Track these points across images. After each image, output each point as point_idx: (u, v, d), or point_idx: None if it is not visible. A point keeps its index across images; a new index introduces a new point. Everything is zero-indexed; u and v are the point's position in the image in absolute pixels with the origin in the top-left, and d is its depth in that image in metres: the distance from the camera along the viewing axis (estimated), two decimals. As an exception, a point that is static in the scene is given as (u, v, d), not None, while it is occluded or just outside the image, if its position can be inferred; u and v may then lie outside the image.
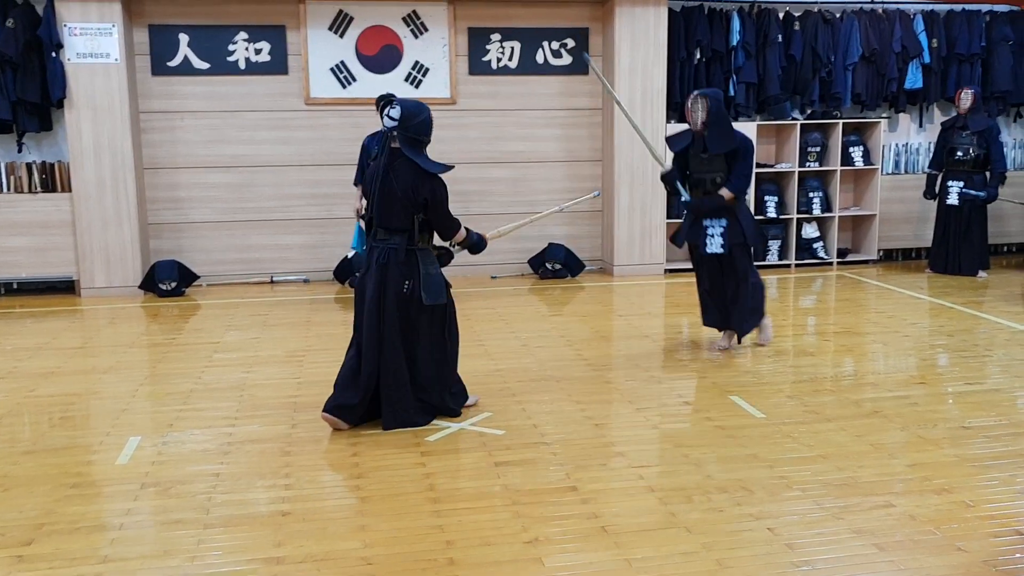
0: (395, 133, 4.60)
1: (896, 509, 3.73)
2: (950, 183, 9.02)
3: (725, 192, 6.02)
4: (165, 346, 6.80)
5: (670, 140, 6.34)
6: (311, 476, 4.19)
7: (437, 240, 4.86)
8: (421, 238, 4.70)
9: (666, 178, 6.25)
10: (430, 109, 4.74)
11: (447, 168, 4.73)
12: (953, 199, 8.99)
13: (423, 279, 4.64)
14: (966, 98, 8.88)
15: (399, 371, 4.71)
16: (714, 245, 6.11)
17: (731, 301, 6.22)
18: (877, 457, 4.30)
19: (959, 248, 9.04)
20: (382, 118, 4.62)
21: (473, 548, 3.45)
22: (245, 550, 3.48)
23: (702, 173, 6.10)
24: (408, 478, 4.13)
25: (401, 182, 4.57)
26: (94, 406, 5.36)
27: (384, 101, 4.43)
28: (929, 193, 9.25)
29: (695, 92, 6.10)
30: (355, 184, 7.94)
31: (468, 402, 5.09)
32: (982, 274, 9.01)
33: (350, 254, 8.00)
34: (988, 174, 8.90)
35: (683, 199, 6.16)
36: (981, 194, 8.86)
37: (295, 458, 4.41)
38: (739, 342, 6.36)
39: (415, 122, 4.60)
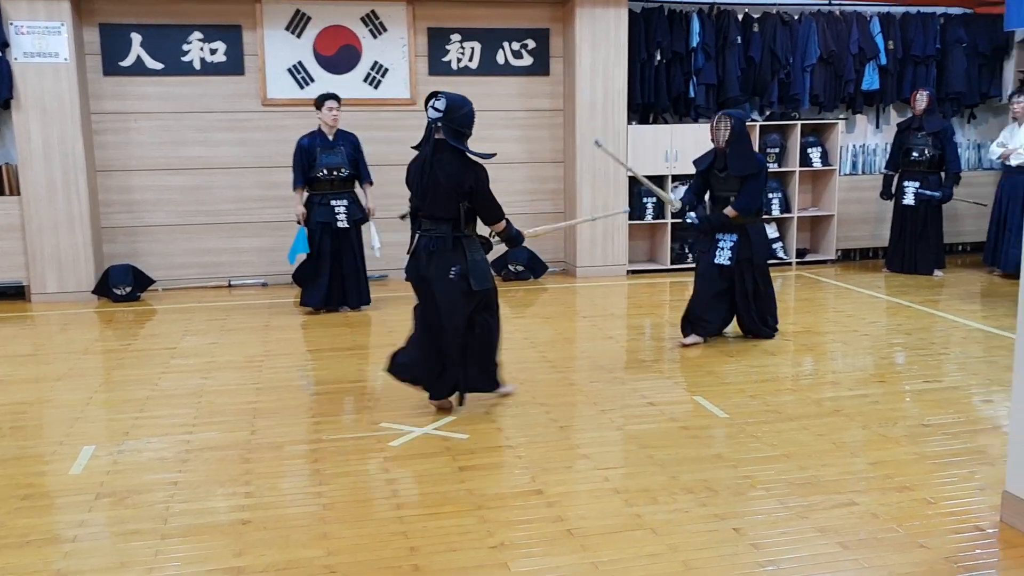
0: (439, 124, 4.69)
1: (859, 507, 3.75)
2: (906, 183, 9.13)
3: (729, 211, 6.26)
4: (120, 352, 6.66)
5: (697, 162, 6.63)
6: (272, 483, 4.11)
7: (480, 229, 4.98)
8: (467, 226, 4.81)
9: (683, 213, 6.60)
10: (472, 103, 4.85)
11: (490, 156, 4.90)
12: (909, 199, 9.09)
13: (470, 265, 4.75)
14: (921, 99, 9.00)
15: (452, 354, 4.87)
16: (722, 257, 6.37)
17: (743, 310, 6.59)
18: (839, 456, 4.32)
19: (915, 248, 9.16)
20: (427, 111, 4.75)
21: (438, 554, 3.40)
22: (204, 560, 3.40)
23: (721, 191, 6.41)
24: (371, 484, 4.07)
25: (445, 172, 4.68)
26: (46, 415, 5.22)
27: (430, 94, 4.74)
28: (885, 193, 9.36)
29: (721, 112, 6.42)
30: (295, 188, 7.62)
31: (505, 389, 5.23)
32: (938, 273, 9.13)
33: (294, 260, 7.77)
34: (943, 174, 9.02)
35: (689, 221, 6.49)
36: (936, 194, 8.98)
37: (255, 465, 4.32)
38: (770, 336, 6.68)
39: (459, 114, 4.71)
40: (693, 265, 9.44)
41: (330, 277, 7.70)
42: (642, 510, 3.74)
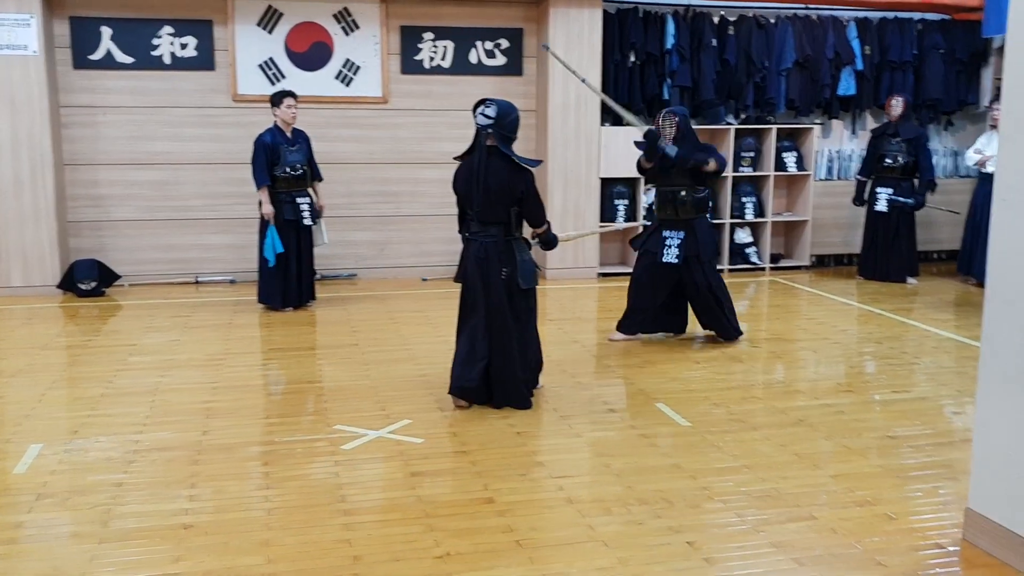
0: (490, 131, 4.82)
1: (817, 522, 3.68)
2: (879, 190, 9.10)
3: (712, 164, 6.27)
4: (80, 348, 6.54)
5: (641, 147, 6.54)
6: (218, 486, 4.01)
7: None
8: (516, 229, 5.00)
9: (648, 136, 6.35)
10: (517, 110, 4.99)
11: (538, 163, 5.18)
12: (882, 206, 9.07)
13: (519, 266, 4.93)
14: (896, 105, 8.97)
15: (509, 354, 4.96)
16: (670, 255, 6.34)
17: (700, 312, 6.61)
18: (801, 467, 4.26)
19: (887, 255, 9.13)
20: (475, 117, 4.84)
21: (381, 564, 3.31)
22: (140, 566, 3.31)
23: (669, 186, 6.37)
24: (319, 489, 3.97)
25: (497, 177, 4.84)
26: (-4, 412, 5.10)
27: (479, 100, 4.87)
28: (858, 200, 9.33)
29: (664, 110, 6.43)
30: (261, 187, 7.45)
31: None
32: (911, 281, 9.10)
33: (274, 260, 7.61)
34: (916, 181, 9.00)
35: (668, 152, 6.30)
36: (909, 201, 8.95)
37: (203, 467, 4.22)
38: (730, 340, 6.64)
39: (508, 120, 4.86)
40: (629, 270, 9.44)
41: (297, 275, 7.65)
42: (595, 521, 3.66)
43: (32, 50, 8.01)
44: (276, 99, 7.50)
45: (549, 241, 5.27)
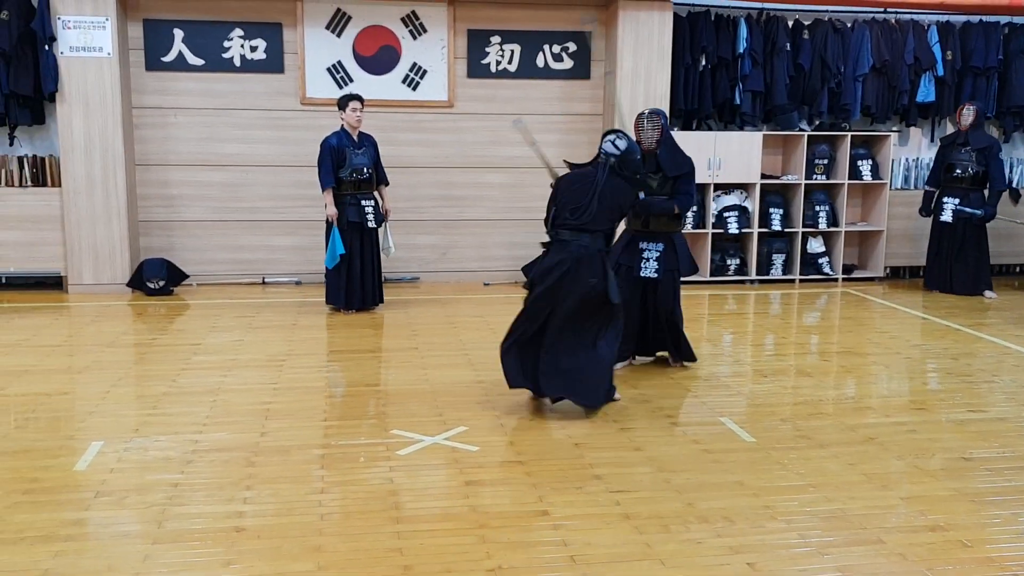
0: (613, 159, 5.09)
1: (885, 546, 3.50)
2: (945, 200, 8.85)
3: (673, 207, 5.84)
4: (145, 346, 6.63)
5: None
6: (273, 489, 3.99)
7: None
8: (608, 241, 5.19)
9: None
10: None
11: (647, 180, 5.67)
12: (947, 216, 8.80)
13: (609, 278, 5.06)
14: (968, 114, 8.69)
15: (588, 355, 5.03)
16: (648, 269, 5.91)
17: (665, 328, 6.04)
18: (869, 488, 4.08)
19: (953, 266, 8.86)
20: (603, 143, 5.14)
21: (432, 575, 3.24)
22: (191, 568, 3.29)
23: (652, 194, 5.84)
24: (373, 495, 3.93)
25: (615, 194, 5.08)
26: (62, 407, 5.18)
27: (611, 130, 5.24)
28: (925, 210, 9.06)
29: (646, 110, 5.94)
30: (326, 189, 7.49)
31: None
32: (989, 294, 8.78)
33: (335, 262, 7.63)
34: (987, 192, 8.69)
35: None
36: (978, 212, 8.67)
37: (259, 469, 4.22)
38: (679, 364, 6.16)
39: (631, 159, 5.13)
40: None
41: (360, 277, 7.67)
42: (652, 538, 3.54)
43: (107, 52, 8.19)
44: (342, 102, 7.54)
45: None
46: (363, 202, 7.59)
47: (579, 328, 5.03)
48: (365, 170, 7.59)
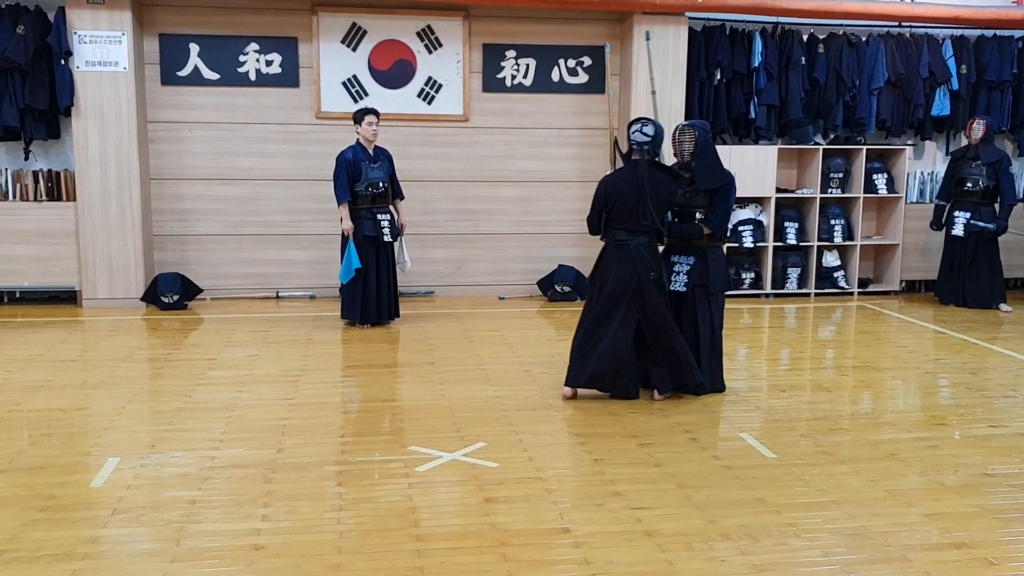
0: (646, 148, 5.39)
1: (911, 564, 3.46)
2: (956, 214, 8.83)
3: (704, 228, 5.66)
4: (160, 361, 6.62)
5: None
6: (291, 506, 3.96)
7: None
8: (659, 238, 5.54)
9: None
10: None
11: (684, 175, 5.64)
12: (958, 230, 8.78)
13: (665, 272, 5.56)
14: (978, 128, 8.68)
15: (672, 338, 5.50)
16: (677, 283, 5.74)
17: (671, 349, 5.62)
18: (892, 505, 4.03)
19: (964, 280, 8.82)
20: (631, 134, 5.42)
21: (453, 594, 3.21)
22: (211, 587, 3.27)
23: (687, 207, 5.70)
24: (392, 512, 3.90)
25: (659, 188, 5.37)
26: (78, 423, 5.17)
27: (636, 119, 5.48)
28: (936, 224, 9.04)
29: (682, 123, 5.81)
30: (342, 202, 7.50)
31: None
32: (1005, 307, 8.73)
33: (349, 277, 7.60)
34: (998, 206, 8.65)
35: None
36: (990, 226, 8.64)
37: (277, 486, 4.19)
38: (698, 392, 5.75)
39: (660, 138, 5.44)
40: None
41: (376, 292, 7.67)
42: (675, 556, 3.51)
43: (122, 66, 8.22)
44: (358, 116, 7.55)
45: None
46: (379, 216, 7.59)
47: (666, 320, 5.48)
48: (381, 184, 7.59)
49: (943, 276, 9.11)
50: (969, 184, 8.74)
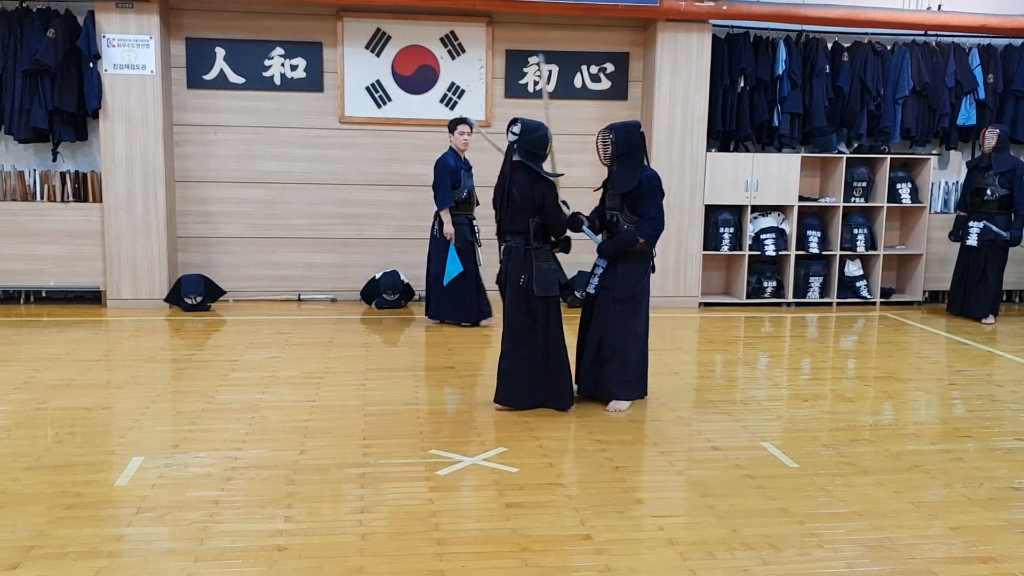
0: (515, 146, 5.28)
1: (936, 577, 3.44)
2: (971, 224, 8.75)
3: (638, 235, 5.40)
4: (183, 362, 6.67)
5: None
6: (313, 508, 3.98)
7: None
8: (536, 238, 5.33)
9: (571, 224, 5.48)
10: (547, 128, 5.35)
11: (559, 175, 5.45)
12: (972, 240, 8.71)
13: (535, 274, 5.29)
14: (991, 137, 8.61)
15: (526, 355, 5.37)
16: (591, 285, 5.58)
17: (595, 358, 5.52)
18: (917, 517, 4.00)
19: (972, 291, 8.76)
20: (507, 136, 5.38)
21: (474, 599, 3.22)
22: (234, 588, 3.29)
23: (611, 211, 5.54)
24: (414, 515, 3.91)
25: (521, 189, 5.24)
26: (103, 422, 5.21)
27: (511, 120, 5.40)
28: (954, 235, 8.94)
29: (607, 125, 5.56)
30: (445, 208, 7.63)
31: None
32: (989, 319, 8.66)
33: (450, 279, 7.64)
34: (1013, 215, 8.58)
35: (588, 235, 5.59)
36: (1004, 234, 8.54)
37: (299, 487, 4.21)
38: (611, 406, 5.51)
39: (533, 137, 5.26)
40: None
41: (474, 293, 7.91)
42: (697, 564, 3.49)
43: (150, 70, 8.30)
44: (452, 126, 7.76)
45: (567, 245, 5.54)
46: (472, 222, 7.85)
47: (517, 330, 5.36)
48: (472, 191, 7.85)
49: (953, 287, 9.04)
50: (986, 194, 8.66)
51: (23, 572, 3.35)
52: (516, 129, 5.30)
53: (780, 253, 9.22)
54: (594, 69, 9.15)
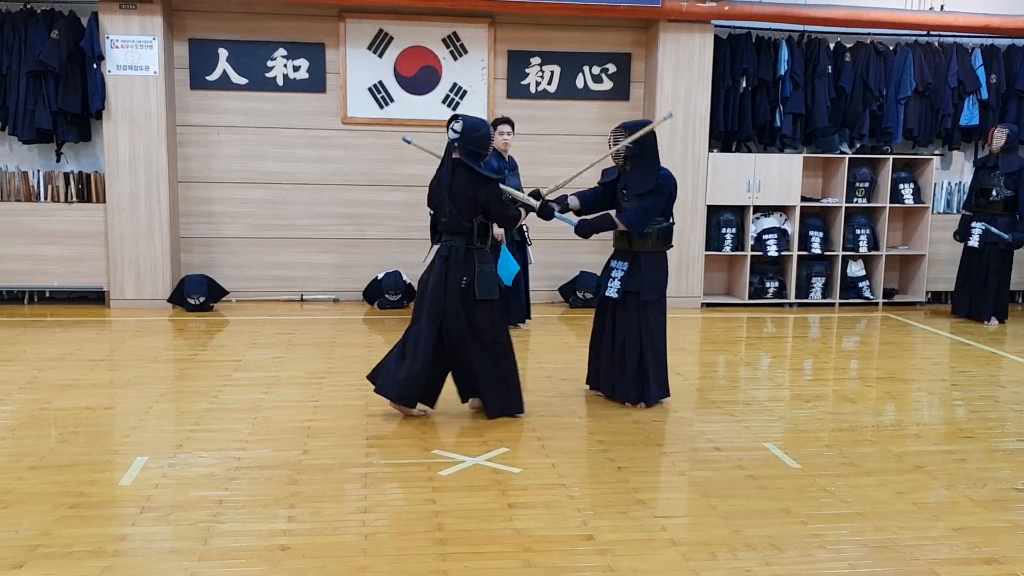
0: (456, 145, 5.11)
1: (939, 578, 3.44)
2: (974, 225, 8.72)
3: (616, 219, 5.45)
4: (186, 362, 6.68)
5: (606, 171, 5.80)
6: (316, 508, 3.99)
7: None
8: (479, 239, 5.18)
9: (543, 214, 5.52)
10: (490, 126, 5.25)
11: (499, 179, 5.41)
12: (973, 241, 8.68)
13: (478, 276, 5.14)
14: (999, 137, 8.57)
15: (465, 359, 5.23)
16: (611, 289, 5.55)
17: (615, 361, 5.57)
18: (920, 518, 4.01)
19: (979, 293, 8.72)
20: (447, 132, 5.17)
21: (477, 599, 3.22)
22: (238, 587, 3.30)
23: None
24: (416, 516, 3.92)
25: (462, 189, 5.09)
26: (106, 422, 5.23)
27: (450, 117, 5.19)
28: (959, 235, 8.92)
29: (618, 126, 5.53)
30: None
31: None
32: (993, 322, 8.64)
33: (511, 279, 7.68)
34: (1018, 217, 8.56)
35: (568, 222, 5.63)
36: (1006, 236, 8.51)
37: (302, 487, 4.22)
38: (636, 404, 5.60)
39: (474, 136, 5.10)
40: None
41: (517, 295, 7.83)
42: (700, 565, 3.50)
43: (153, 71, 8.31)
44: (492, 126, 7.58)
45: (516, 218, 5.36)
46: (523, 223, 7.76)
47: (473, 335, 5.19)
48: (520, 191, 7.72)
49: (957, 288, 9.03)
50: (992, 194, 8.64)
51: (28, 571, 3.36)
52: (457, 127, 5.09)
53: (782, 253, 9.23)
54: (596, 70, 9.16)
